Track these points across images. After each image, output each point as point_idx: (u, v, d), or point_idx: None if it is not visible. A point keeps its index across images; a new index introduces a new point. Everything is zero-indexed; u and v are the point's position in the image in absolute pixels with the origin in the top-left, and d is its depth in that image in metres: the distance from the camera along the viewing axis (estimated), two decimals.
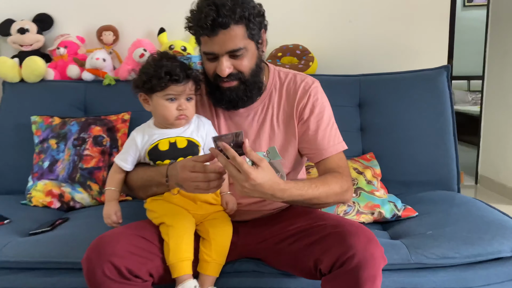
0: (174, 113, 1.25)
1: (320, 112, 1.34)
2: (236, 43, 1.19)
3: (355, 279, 1.06)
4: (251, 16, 1.19)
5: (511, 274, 1.36)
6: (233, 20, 1.16)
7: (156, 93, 1.24)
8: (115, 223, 1.27)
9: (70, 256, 1.37)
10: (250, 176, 1.02)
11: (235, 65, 1.23)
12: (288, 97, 1.36)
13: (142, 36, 2.29)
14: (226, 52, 1.19)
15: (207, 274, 1.23)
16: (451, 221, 1.50)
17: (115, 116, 1.96)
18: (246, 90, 1.27)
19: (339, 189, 1.23)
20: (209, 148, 1.09)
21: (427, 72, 2.00)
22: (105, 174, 1.84)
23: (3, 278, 1.38)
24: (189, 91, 1.26)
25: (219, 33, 1.16)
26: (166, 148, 1.27)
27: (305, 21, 2.30)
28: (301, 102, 1.34)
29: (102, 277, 1.09)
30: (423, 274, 1.36)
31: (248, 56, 1.23)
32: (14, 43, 2.22)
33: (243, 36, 1.19)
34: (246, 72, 1.24)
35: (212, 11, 1.13)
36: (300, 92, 1.34)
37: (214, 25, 1.14)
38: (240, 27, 1.18)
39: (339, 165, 1.30)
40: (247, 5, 1.19)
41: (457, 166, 1.91)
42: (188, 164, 1.14)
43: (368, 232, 1.12)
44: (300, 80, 1.37)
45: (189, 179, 1.12)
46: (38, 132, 1.94)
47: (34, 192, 1.82)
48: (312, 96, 1.34)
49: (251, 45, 1.23)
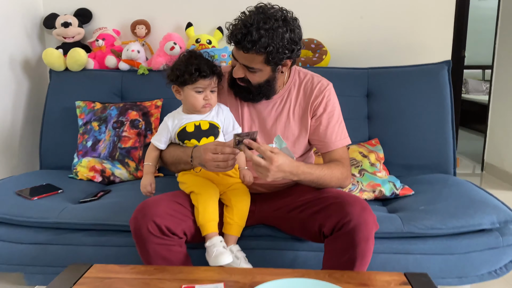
0: (201, 102, 1.49)
1: (331, 111, 1.55)
2: (251, 64, 1.39)
3: (351, 239, 1.29)
4: (274, 50, 1.33)
5: (490, 243, 1.57)
6: (254, 50, 1.33)
7: (187, 85, 1.49)
8: (149, 192, 1.53)
9: (115, 220, 1.63)
10: (273, 159, 1.26)
11: (246, 74, 1.45)
12: (305, 95, 1.57)
13: (171, 29, 2.52)
14: (243, 64, 1.42)
15: (231, 234, 1.48)
16: (442, 198, 1.71)
17: (149, 102, 2.21)
18: (250, 94, 1.51)
19: (340, 175, 1.47)
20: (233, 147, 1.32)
21: (430, 66, 2.18)
22: (140, 153, 2.10)
23: (62, 237, 1.66)
24: (213, 84, 1.50)
25: (239, 50, 1.37)
26: (192, 130, 1.52)
27: (320, 17, 2.49)
28: (316, 100, 1.54)
29: (146, 233, 1.34)
30: (414, 242, 1.58)
31: (260, 74, 1.43)
32: (58, 35, 2.47)
33: (261, 61, 1.38)
34: (253, 82, 1.46)
35: (240, 34, 1.32)
36: (316, 91, 1.55)
37: (237, 45, 1.36)
38: (260, 55, 1.35)
39: (342, 156, 1.53)
40: (276, 41, 1.32)
41: (454, 152, 2.10)
42: (209, 147, 1.38)
43: (363, 202, 1.35)
44: (317, 81, 1.57)
45: (211, 160, 1.36)
46: (82, 115, 2.20)
47: (79, 168, 2.09)
48: (326, 96, 1.55)
49: (266, 68, 1.42)
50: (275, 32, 1.32)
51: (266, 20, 1.32)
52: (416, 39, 2.45)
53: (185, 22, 2.50)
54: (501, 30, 3.68)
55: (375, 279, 1.19)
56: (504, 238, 1.56)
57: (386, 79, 2.20)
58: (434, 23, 2.45)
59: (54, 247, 1.65)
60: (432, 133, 2.11)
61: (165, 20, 2.54)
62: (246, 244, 1.54)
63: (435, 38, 2.45)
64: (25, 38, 2.46)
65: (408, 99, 2.14)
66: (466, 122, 5.86)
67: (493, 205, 1.61)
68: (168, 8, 2.54)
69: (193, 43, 2.43)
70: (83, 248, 1.64)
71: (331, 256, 1.36)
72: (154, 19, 2.53)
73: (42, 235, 1.66)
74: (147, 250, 1.36)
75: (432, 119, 2.12)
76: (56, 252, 1.65)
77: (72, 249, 1.64)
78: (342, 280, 1.17)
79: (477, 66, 6.66)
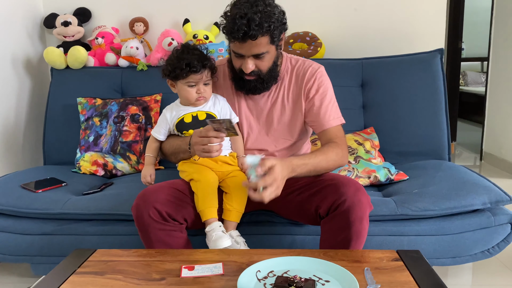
0: (194, 96, 1.54)
1: (323, 92, 1.59)
2: (260, 49, 1.43)
3: (346, 219, 1.34)
4: (274, 27, 1.40)
5: (482, 223, 1.61)
6: (260, 33, 1.38)
7: (180, 80, 1.53)
8: (149, 183, 1.58)
9: (118, 209, 1.69)
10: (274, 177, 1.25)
11: (257, 64, 1.48)
12: (297, 79, 1.61)
13: (169, 26, 2.57)
14: (251, 55, 1.45)
15: (230, 220, 1.53)
16: (435, 182, 1.75)
17: (148, 97, 2.26)
18: (263, 83, 1.54)
19: (335, 156, 1.49)
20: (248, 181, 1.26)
21: (423, 55, 2.23)
22: (141, 147, 2.15)
23: (67, 227, 1.71)
24: (205, 78, 1.53)
25: (247, 41, 1.40)
26: (190, 121, 1.56)
27: (314, 11, 2.53)
28: (308, 83, 1.59)
29: (148, 219, 1.39)
30: (408, 224, 1.63)
31: (268, 57, 1.48)
32: (58, 34, 2.52)
33: (267, 43, 1.43)
34: (264, 70, 1.50)
35: (244, 25, 1.35)
36: (308, 75, 1.59)
37: (244, 37, 1.39)
38: (266, 37, 1.40)
39: (337, 135, 1.56)
40: (272, 18, 1.39)
41: (448, 138, 2.14)
42: (197, 130, 1.43)
43: (357, 183, 1.39)
44: (308, 65, 1.62)
45: (197, 143, 1.41)
46: (83, 112, 2.26)
47: (82, 162, 2.14)
48: (318, 78, 1.59)
49: (272, 49, 1.47)
50: (267, 11, 1.38)
51: (255, 5, 1.38)
52: (409, 29, 2.49)
53: (182, 19, 2.54)
54: (496, 21, 3.72)
55: (368, 256, 1.23)
56: (496, 218, 1.61)
57: (380, 69, 2.24)
58: (427, 12, 2.48)
59: (59, 237, 1.71)
60: (426, 120, 2.15)
61: (162, 17, 2.59)
62: (245, 230, 1.59)
63: (428, 27, 2.48)
64: (27, 38, 2.51)
65: (402, 87, 2.19)
66: (465, 114, 5.90)
67: (484, 186, 1.65)
68: (165, 5, 2.58)
69: (190, 38, 2.48)
70: (87, 238, 1.70)
71: (327, 237, 1.41)
72: (152, 16, 2.58)
73: (47, 226, 1.71)
74: (149, 236, 1.42)
75: (426, 106, 2.16)
76: (61, 242, 1.70)
77: (77, 239, 1.70)
78: (336, 257, 1.22)
79: (476, 58, 6.70)
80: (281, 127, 1.61)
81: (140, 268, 1.21)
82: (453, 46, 4.71)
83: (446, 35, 4.50)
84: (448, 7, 4.47)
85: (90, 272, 1.18)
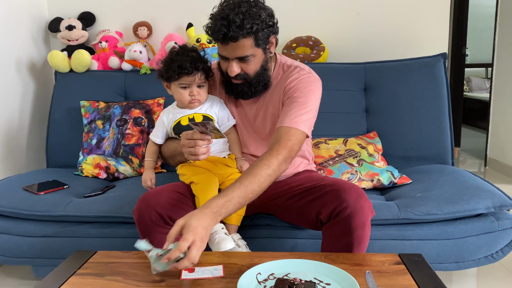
0: (187, 98, 1.53)
1: (298, 97, 1.45)
2: (244, 51, 1.40)
3: (348, 225, 1.31)
4: (259, 29, 1.35)
5: (486, 228, 1.59)
6: (242, 35, 1.34)
7: (173, 81, 1.53)
8: (149, 187, 1.58)
9: (119, 212, 1.69)
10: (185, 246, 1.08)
11: (242, 67, 1.44)
12: (282, 84, 1.53)
13: (172, 30, 2.58)
14: (235, 57, 1.42)
15: (231, 224, 1.52)
16: (438, 186, 1.74)
17: (151, 101, 2.26)
18: (251, 87, 1.50)
19: (268, 169, 1.31)
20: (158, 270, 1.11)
21: (426, 59, 2.22)
22: (144, 150, 2.15)
23: (68, 229, 1.71)
24: (198, 80, 1.51)
25: (229, 43, 1.38)
26: (187, 123, 1.55)
27: (317, 15, 2.53)
28: (288, 85, 1.50)
29: (150, 222, 1.39)
30: (411, 228, 1.62)
31: (254, 61, 1.44)
32: (62, 38, 2.54)
33: (251, 45, 1.38)
34: (251, 74, 1.46)
35: (223, 27, 1.32)
36: (292, 78, 1.51)
37: (225, 38, 1.36)
38: (248, 39, 1.36)
39: (282, 137, 1.37)
40: (256, 20, 1.34)
41: (452, 142, 2.13)
42: (185, 133, 1.40)
43: (358, 189, 1.37)
44: (298, 70, 1.53)
45: (185, 145, 1.39)
46: (86, 115, 2.26)
47: (85, 165, 2.15)
48: (300, 84, 1.47)
49: (258, 52, 1.43)
50: (252, 12, 1.35)
51: (238, 6, 1.35)
52: (413, 34, 2.49)
53: (185, 23, 2.55)
54: (500, 27, 3.71)
55: (369, 260, 1.22)
56: (499, 223, 1.59)
57: (383, 73, 2.24)
58: (430, 17, 2.48)
59: (61, 239, 1.71)
60: (430, 124, 2.14)
61: (166, 21, 2.60)
62: (246, 233, 1.59)
63: (431, 32, 2.48)
64: (31, 42, 2.53)
65: (405, 91, 2.18)
66: (470, 120, 5.88)
67: (487, 190, 1.64)
68: (169, 10, 2.60)
69: (194, 43, 2.48)
70: (89, 240, 1.70)
71: (329, 242, 1.39)
72: (155, 20, 2.60)
73: (48, 228, 1.71)
74: (151, 239, 1.40)
75: (429, 111, 2.15)
76: (62, 244, 1.70)
77: (78, 241, 1.70)
78: (338, 261, 1.21)
79: (480, 64, 6.68)
80: (269, 134, 1.56)
81: (140, 269, 1.20)
82: (457, 52, 4.70)
83: (450, 41, 4.50)
84: (452, 12, 4.47)
85: (90, 273, 1.17)
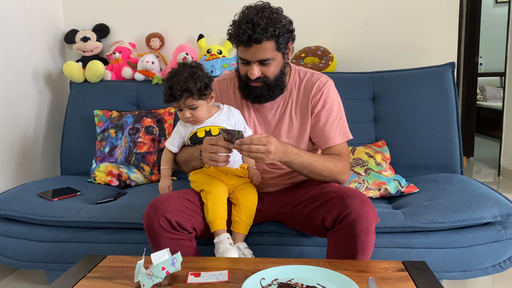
0: (184, 119, 1.57)
1: (330, 108, 1.60)
2: (265, 54, 1.47)
3: (352, 231, 1.34)
4: (280, 33, 1.44)
5: (493, 237, 1.59)
6: (265, 37, 1.42)
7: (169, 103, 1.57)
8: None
9: (130, 218, 1.72)
10: (270, 141, 1.34)
11: (263, 70, 1.51)
12: (305, 93, 1.62)
13: (184, 41, 2.64)
14: (257, 60, 1.48)
15: (238, 232, 1.55)
16: (445, 194, 1.74)
17: (163, 110, 2.31)
18: (269, 90, 1.56)
19: (333, 167, 1.52)
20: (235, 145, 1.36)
21: (434, 68, 2.23)
22: (155, 158, 2.20)
23: (80, 235, 1.76)
24: (184, 105, 1.51)
25: (252, 46, 1.44)
26: (203, 135, 1.58)
27: (326, 25, 2.57)
28: (315, 97, 1.60)
29: (158, 228, 1.42)
30: (417, 236, 1.62)
31: (274, 64, 1.51)
32: (78, 49, 2.62)
33: (272, 48, 1.47)
34: (271, 77, 1.53)
35: (249, 29, 1.40)
36: (315, 89, 1.60)
37: (249, 40, 1.43)
38: (271, 42, 1.44)
39: (341, 152, 1.57)
40: (278, 24, 1.43)
41: (460, 151, 2.12)
42: (208, 138, 1.45)
43: (363, 195, 1.39)
44: (316, 78, 1.63)
45: (206, 149, 1.43)
46: (99, 123, 2.32)
47: (97, 172, 2.20)
48: (325, 93, 1.60)
49: (278, 56, 1.50)
50: (273, 17, 1.43)
51: (260, 11, 1.43)
52: (421, 43, 2.50)
53: (197, 34, 2.61)
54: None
55: (373, 267, 1.24)
56: (507, 231, 1.58)
57: (391, 82, 2.25)
58: (438, 26, 2.49)
59: (73, 244, 1.75)
60: (438, 133, 2.14)
61: (178, 32, 2.66)
62: (253, 240, 1.62)
63: (440, 41, 2.49)
64: (48, 53, 2.61)
65: (414, 101, 2.19)
66: (484, 129, 5.82)
67: (494, 199, 1.63)
68: (180, 21, 2.66)
69: (204, 53, 2.54)
70: (100, 245, 1.74)
71: (333, 248, 1.41)
72: (167, 32, 2.66)
73: (61, 233, 1.76)
74: (159, 245, 1.44)
75: (438, 120, 2.15)
76: (74, 249, 1.75)
77: (90, 246, 1.74)
78: (341, 267, 1.22)
79: (494, 73, 6.61)
80: (290, 141, 1.61)
81: None
82: (469, 61, 4.68)
83: (463, 50, 4.48)
84: (464, 21, 4.46)
85: (99, 277, 1.21)
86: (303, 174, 1.52)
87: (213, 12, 2.61)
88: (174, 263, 1.17)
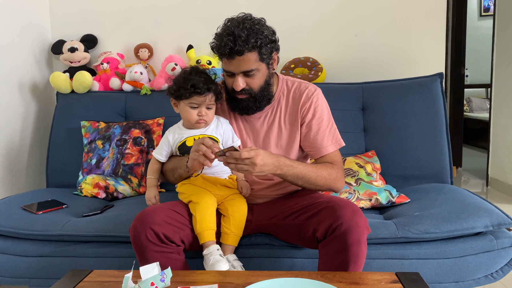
0: (195, 118, 1.55)
1: (320, 116, 1.60)
2: (249, 65, 1.46)
3: (343, 242, 1.32)
4: (262, 44, 1.45)
5: (485, 247, 1.58)
6: (247, 49, 1.42)
7: (183, 100, 1.55)
8: (154, 204, 1.58)
9: (117, 231, 1.68)
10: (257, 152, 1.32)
11: (247, 82, 1.50)
12: (293, 102, 1.62)
13: (173, 52, 2.62)
14: (240, 71, 1.48)
15: (228, 244, 1.52)
16: (436, 204, 1.73)
17: (151, 121, 2.28)
18: (256, 102, 1.55)
19: (328, 175, 1.51)
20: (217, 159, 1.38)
21: (423, 79, 2.24)
22: (143, 169, 2.16)
23: (66, 249, 1.70)
24: (209, 102, 1.55)
25: (235, 57, 1.44)
26: (192, 145, 1.54)
27: (315, 36, 2.58)
28: (304, 106, 1.59)
29: (145, 241, 1.38)
30: (409, 247, 1.60)
31: (259, 75, 1.50)
32: (65, 60, 2.59)
33: (255, 59, 1.46)
34: (255, 88, 1.52)
35: (230, 41, 1.40)
36: (304, 98, 1.60)
37: (231, 52, 1.42)
38: (253, 53, 1.44)
39: (334, 160, 1.57)
40: (260, 35, 1.43)
41: (450, 161, 2.13)
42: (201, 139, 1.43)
43: (354, 206, 1.38)
44: (304, 87, 1.63)
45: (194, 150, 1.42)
46: (86, 135, 2.28)
47: (84, 185, 2.16)
48: (314, 102, 1.60)
49: (262, 66, 1.50)
50: (255, 28, 1.43)
51: (242, 23, 1.43)
52: (409, 54, 2.52)
53: (186, 45, 2.60)
54: (497, 48, 3.76)
55: (366, 278, 1.21)
56: (498, 241, 1.58)
57: (380, 93, 2.26)
58: (426, 38, 2.52)
59: (58, 259, 1.70)
60: (428, 143, 2.14)
61: (167, 43, 2.65)
62: (243, 253, 1.58)
63: (428, 52, 2.51)
64: (34, 63, 2.57)
65: (403, 111, 2.19)
66: (471, 140, 5.88)
67: (485, 208, 1.63)
68: (169, 32, 2.65)
69: (194, 64, 2.52)
70: (86, 260, 1.69)
71: (325, 260, 1.39)
72: (156, 42, 2.64)
73: (46, 247, 1.71)
74: (146, 258, 1.40)
75: (427, 130, 2.16)
76: (59, 264, 1.69)
77: (75, 261, 1.69)
78: (334, 279, 1.20)
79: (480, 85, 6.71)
80: (279, 151, 1.60)
81: None
82: (456, 73, 4.74)
83: (449, 61, 4.54)
84: (450, 34, 4.53)
85: None
86: (297, 185, 1.51)
87: (203, 23, 2.60)
88: (164, 279, 1.13)
